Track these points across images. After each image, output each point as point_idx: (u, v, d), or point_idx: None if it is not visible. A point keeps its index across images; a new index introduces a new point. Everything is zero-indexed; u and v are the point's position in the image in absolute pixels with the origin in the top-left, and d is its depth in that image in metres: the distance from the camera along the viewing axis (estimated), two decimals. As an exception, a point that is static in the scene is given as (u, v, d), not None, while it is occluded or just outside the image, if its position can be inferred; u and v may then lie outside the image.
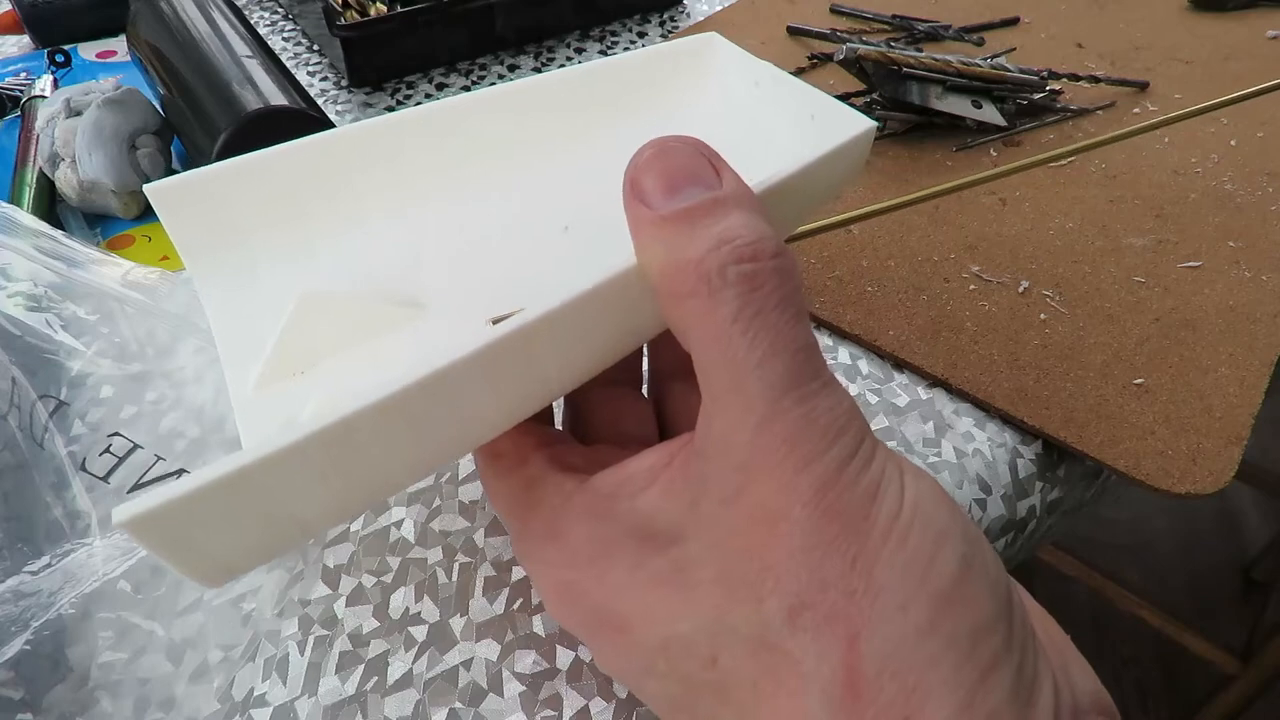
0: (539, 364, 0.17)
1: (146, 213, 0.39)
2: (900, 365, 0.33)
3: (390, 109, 0.48)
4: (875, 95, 0.45)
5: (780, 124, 0.26)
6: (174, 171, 0.36)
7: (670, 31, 0.56)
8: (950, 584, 0.14)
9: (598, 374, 0.20)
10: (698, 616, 0.16)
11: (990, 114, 0.44)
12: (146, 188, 0.22)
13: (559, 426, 0.26)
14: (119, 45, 0.53)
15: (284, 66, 0.39)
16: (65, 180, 0.38)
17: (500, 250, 0.26)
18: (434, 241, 0.26)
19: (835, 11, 0.57)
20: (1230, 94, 0.48)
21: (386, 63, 0.50)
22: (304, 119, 0.35)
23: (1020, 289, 0.35)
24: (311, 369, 0.22)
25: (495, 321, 0.22)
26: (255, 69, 0.37)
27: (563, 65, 0.52)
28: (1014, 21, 0.56)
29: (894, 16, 0.55)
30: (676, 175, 0.16)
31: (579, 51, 0.54)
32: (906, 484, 0.15)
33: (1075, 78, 0.48)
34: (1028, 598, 0.18)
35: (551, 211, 0.27)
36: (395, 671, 0.23)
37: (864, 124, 0.22)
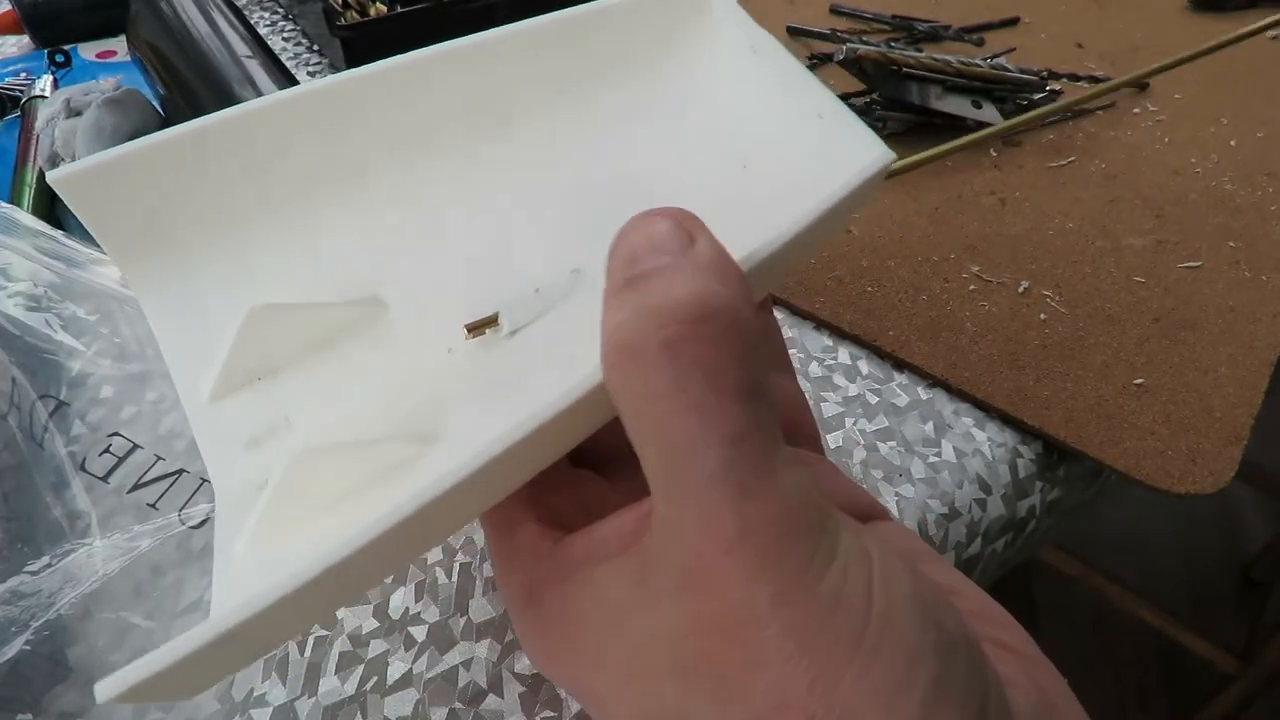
0: (525, 468, 0.16)
1: (146, 213, 0.39)
2: (900, 365, 0.33)
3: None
4: (875, 95, 0.45)
5: (778, 110, 0.23)
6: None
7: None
8: (917, 712, 0.13)
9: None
10: (663, 704, 0.15)
11: (990, 114, 0.44)
12: (50, 176, 0.19)
13: None
14: (119, 45, 0.53)
15: (284, 66, 0.39)
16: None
17: (462, 234, 0.23)
18: (388, 227, 0.23)
19: (835, 12, 0.57)
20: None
21: (386, 63, 0.50)
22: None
23: (1020, 289, 0.35)
24: (269, 375, 0.21)
25: (470, 328, 0.20)
26: (255, 69, 0.37)
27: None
28: (1014, 21, 0.56)
29: (894, 16, 0.55)
30: (641, 247, 0.15)
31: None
32: (875, 587, 0.14)
33: (1075, 78, 0.48)
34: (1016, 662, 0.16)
35: (516, 187, 0.24)
36: (395, 671, 0.23)
37: (883, 154, 0.19)
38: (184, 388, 0.20)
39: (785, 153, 0.23)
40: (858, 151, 0.19)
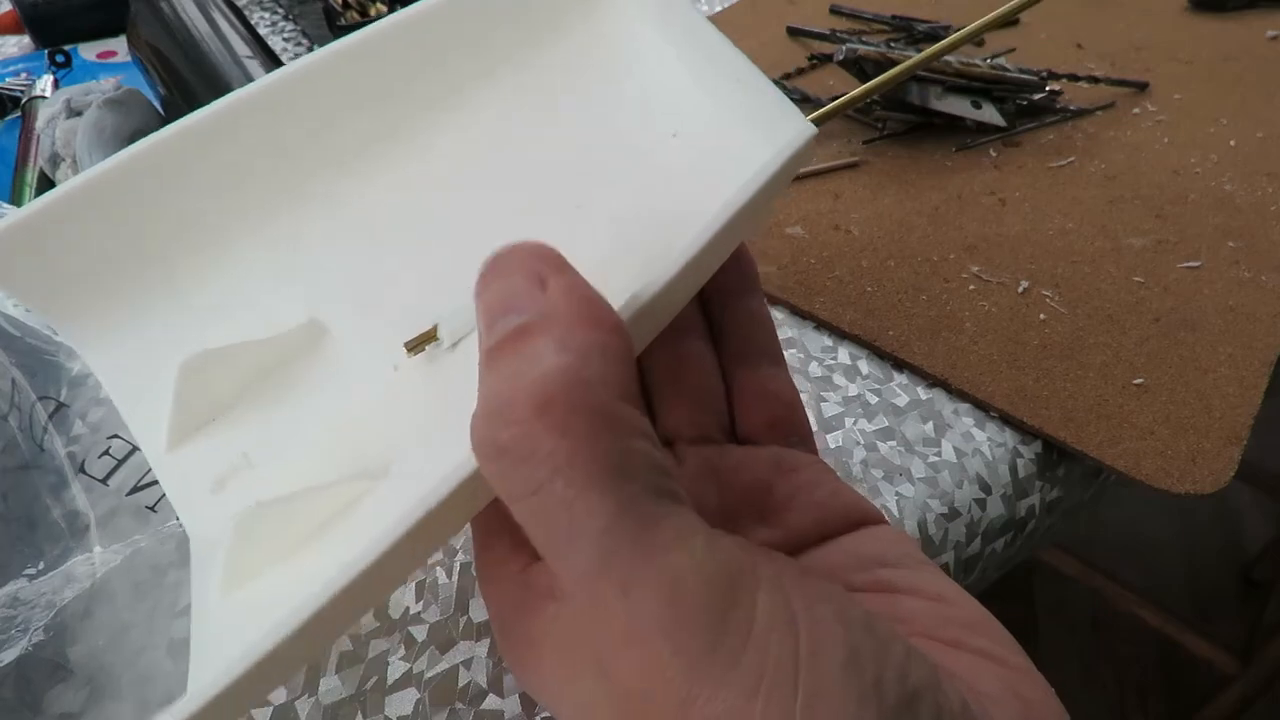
0: (462, 515, 0.17)
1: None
2: (900, 365, 0.33)
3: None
4: (875, 95, 0.45)
5: (701, 77, 0.23)
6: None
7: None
8: None
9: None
10: None
11: (990, 114, 0.44)
12: None
13: None
14: (119, 45, 0.53)
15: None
16: (66, 180, 0.38)
17: (396, 242, 0.22)
18: (319, 245, 0.22)
19: (835, 12, 0.57)
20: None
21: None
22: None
23: (1020, 289, 0.35)
24: (222, 415, 0.20)
25: (409, 347, 0.20)
26: (255, 69, 0.37)
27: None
28: (1014, 21, 0.56)
29: (894, 17, 0.55)
30: (494, 304, 0.14)
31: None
32: (802, 660, 0.12)
33: (1075, 78, 0.48)
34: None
35: (441, 184, 0.23)
36: (395, 671, 0.23)
37: (806, 129, 0.18)
38: (142, 438, 0.20)
39: (712, 120, 0.22)
40: (778, 127, 0.19)
